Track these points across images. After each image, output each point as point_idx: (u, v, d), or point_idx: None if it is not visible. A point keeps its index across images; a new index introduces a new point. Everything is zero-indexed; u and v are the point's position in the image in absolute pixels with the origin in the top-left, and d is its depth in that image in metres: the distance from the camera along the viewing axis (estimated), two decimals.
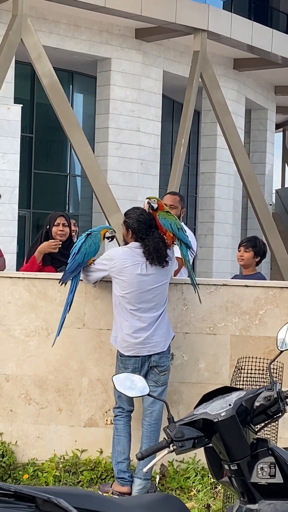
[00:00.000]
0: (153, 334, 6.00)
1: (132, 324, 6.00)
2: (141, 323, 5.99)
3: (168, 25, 20.64)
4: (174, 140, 22.98)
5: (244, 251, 7.62)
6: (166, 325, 6.10)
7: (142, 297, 5.98)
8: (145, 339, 5.98)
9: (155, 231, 6.00)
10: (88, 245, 6.13)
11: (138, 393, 3.63)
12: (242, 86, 26.08)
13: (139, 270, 5.98)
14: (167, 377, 6.12)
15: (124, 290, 6.00)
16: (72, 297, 6.18)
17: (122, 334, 6.03)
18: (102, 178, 18.63)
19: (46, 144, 23.15)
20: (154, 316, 6.01)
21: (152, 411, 6.09)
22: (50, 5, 19.37)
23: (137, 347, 5.99)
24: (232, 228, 25.08)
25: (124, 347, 6.03)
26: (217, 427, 3.37)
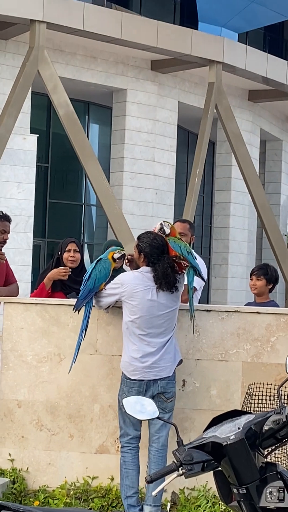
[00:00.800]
0: (161, 358, 5.99)
1: (140, 348, 5.99)
2: (150, 348, 5.99)
3: (184, 57, 20.80)
4: (189, 170, 23.07)
5: (256, 280, 7.62)
6: (174, 350, 6.09)
7: (152, 322, 5.98)
8: (152, 363, 5.97)
9: (166, 256, 6.00)
10: (98, 270, 6.15)
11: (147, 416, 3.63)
12: (257, 117, 26.19)
13: (149, 296, 5.98)
14: (174, 403, 6.10)
15: (134, 315, 6.00)
16: (86, 323, 6.19)
17: (130, 358, 6.02)
18: (117, 207, 18.72)
19: (62, 173, 23.28)
20: (163, 341, 6.01)
21: (159, 437, 6.06)
22: (67, 37, 19.57)
23: (143, 371, 5.97)
24: (246, 258, 25.07)
25: (130, 370, 6.01)
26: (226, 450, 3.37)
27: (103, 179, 18.47)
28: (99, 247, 23.06)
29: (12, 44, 19.51)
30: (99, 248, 22.93)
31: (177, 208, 22.92)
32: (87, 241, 23.97)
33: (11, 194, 18.89)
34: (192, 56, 20.61)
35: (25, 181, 19.14)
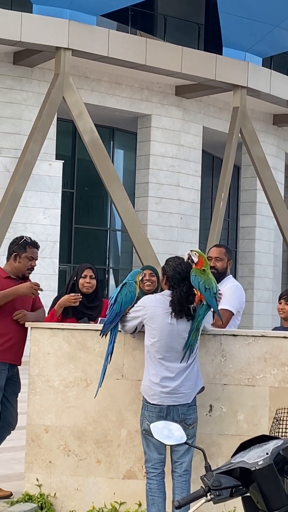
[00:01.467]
0: (181, 385, 5.92)
1: (159, 373, 5.96)
2: (168, 373, 5.94)
3: (208, 82, 20.90)
4: (214, 195, 23.11)
5: (285, 304, 7.57)
6: (195, 376, 6.02)
7: (171, 346, 5.94)
8: (172, 389, 5.92)
9: (186, 283, 5.97)
10: (124, 294, 6.15)
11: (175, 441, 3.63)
12: (281, 141, 26.21)
13: (169, 319, 5.96)
14: (196, 429, 6.04)
15: (153, 338, 5.98)
16: (112, 347, 6.19)
17: (150, 382, 6.00)
18: (142, 232, 18.77)
19: (87, 199, 23.39)
20: (182, 366, 5.95)
21: (182, 462, 6.01)
22: (92, 64, 19.73)
23: (162, 396, 5.94)
24: (272, 282, 25.01)
25: (150, 395, 5.99)
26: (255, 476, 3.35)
27: (128, 204, 18.54)
28: (124, 272, 23.12)
29: (38, 71, 19.70)
30: (124, 273, 22.97)
31: (202, 232, 22.94)
32: (113, 266, 24.02)
33: (37, 219, 19.00)
34: (217, 81, 20.71)
35: (51, 206, 19.25)
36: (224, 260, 7.07)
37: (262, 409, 6.46)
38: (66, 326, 6.66)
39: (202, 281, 5.97)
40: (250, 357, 6.48)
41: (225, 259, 7.07)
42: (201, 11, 24.72)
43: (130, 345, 6.52)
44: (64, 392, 6.61)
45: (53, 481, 6.64)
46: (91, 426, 6.59)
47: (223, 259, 7.06)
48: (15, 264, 6.87)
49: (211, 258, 7.02)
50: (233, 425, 6.49)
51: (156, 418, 5.87)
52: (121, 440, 6.57)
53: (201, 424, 6.26)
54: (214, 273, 6.96)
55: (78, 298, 6.86)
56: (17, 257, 6.86)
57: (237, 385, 6.48)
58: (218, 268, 7.03)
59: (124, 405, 6.54)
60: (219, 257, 7.04)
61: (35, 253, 6.94)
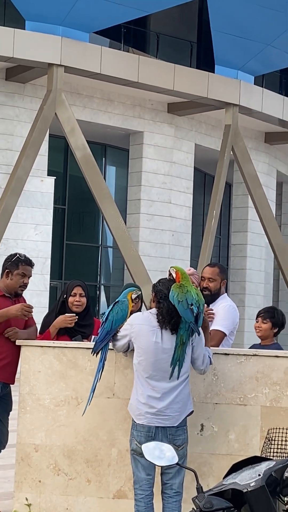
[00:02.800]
0: (168, 407, 5.78)
1: (145, 392, 5.87)
2: (154, 393, 5.83)
3: (200, 100, 20.95)
4: (205, 212, 23.14)
5: (262, 322, 7.46)
6: (185, 399, 5.87)
7: (157, 365, 5.84)
8: (158, 410, 5.79)
9: None
10: (115, 312, 6.12)
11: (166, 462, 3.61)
12: (273, 159, 26.28)
13: (154, 337, 5.88)
14: (185, 450, 5.95)
15: (140, 357, 5.91)
16: (102, 365, 6.15)
17: (136, 401, 5.94)
18: (133, 249, 18.75)
19: (79, 215, 23.39)
20: (169, 386, 5.80)
21: (172, 484, 5.93)
22: (84, 80, 19.76)
23: (147, 416, 5.85)
24: (263, 299, 25.01)
25: (136, 414, 5.92)
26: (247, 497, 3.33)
27: (120, 221, 18.54)
28: (116, 289, 23.11)
29: (30, 88, 19.72)
30: (115, 289, 22.96)
31: (193, 249, 22.95)
32: (104, 283, 23.99)
33: (28, 236, 18.97)
34: (209, 98, 20.76)
35: (42, 223, 19.23)
36: (217, 281, 6.99)
37: (254, 429, 6.43)
38: (57, 344, 6.63)
39: (176, 295, 5.85)
40: (242, 376, 6.45)
41: (218, 279, 6.99)
42: (194, 29, 24.83)
43: (121, 363, 6.49)
44: (55, 411, 6.57)
45: (42, 501, 6.58)
46: (82, 445, 6.54)
47: (216, 279, 6.98)
48: (7, 281, 6.83)
49: (204, 278, 6.96)
50: (224, 444, 6.45)
51: (145, 438, 5.80)
52: (112, 460, 6.53)
53: (192, 443, 6.22)
54: (207, 294, 6.92)
55: (74, 319, 6.82)
56: (9, 274, 6.82)
57: (229, 404, 6.45)
58: (211, 289, 6.97)
59: (115, 424, 6.50)
60: (212, 277, 6.96)
61: (28, 271, 6.89)
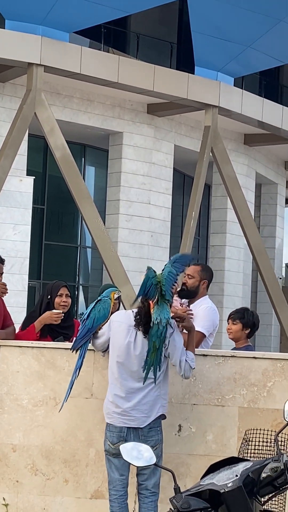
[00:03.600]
0: (133, 408, 5.78)
1: (113, 391, 5.87)
2: (120, 392, 5.82)
3: (180, 101, 20.97)
4: (184, 213, 23.16)
5: (232, 324, 7.38)
6: (152, 402, 5.82)
7: (126, 364, 5.82)
8: (123, 410, 5.78)
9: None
10: (97, 310, 6.13)
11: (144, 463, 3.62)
12: (252, 161, 26.36)
13: (128, 337, 5.88)
14: (160, 450, 5.93)
15: (112, 354, 5.93)
16: (81, 363, 6.15)
17: (106, 400, 5.95)
18: (112, 249, 18.75)
19: (57, 215, 23.36)
20: (136, 388, 5.80)
21: (148, 484, 5.93)
22: (64, 80, 19.74)
23: (114, 416, 5.87)
24: (241, 301, 25.08)
25: (106, 413, 5.94)
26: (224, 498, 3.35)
27: (99, 221, 18.52)
28: (94, 289, 23.09)
29: (10, 87, 19.68)
30: (94, 290, 22.95)
31: (172, 250, 22.97)
32: (82, 283, 23.98)
33: (6, 235, 18.92)
34: (188, 100, 20.78)
35: (21, 222, 19.19)
36: (196, 278, 7.02)
37: (231, 430, 6.46)
38: (35, 344, 6.63)
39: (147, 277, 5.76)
40: (220, 377, 6.48)
41: (197, 277, 7.03)
42: (174, 30, 24.85)
43: (99, 364, 6.50)
44: (33, 411, 6.57)
45: (20, 501, 6.58)
46: (59, 445, 6.55)
47: (195, 277, 7.02)
48: None
49: (185, 274, 7.01)
50: (202, 445, 6.48)
51: (117, 438, 5.81)
52: (90, 460, 6.54)
53: (169, 444, 6.24)
54: (183, 290, 6.96)
55: (60, 316, 6.85)
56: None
57: (207, 405, 6.48)
58: (188, 285, 7.01)
59: (93, 424, 6.51)
60: (191, 274, 7.01)
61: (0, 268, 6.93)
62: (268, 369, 6.47)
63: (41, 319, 6.85)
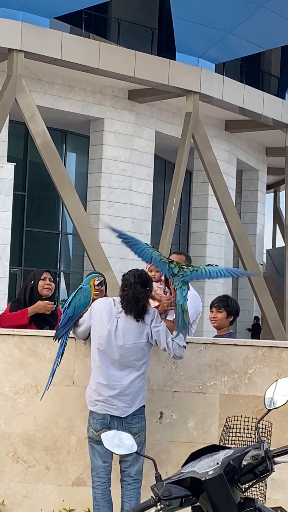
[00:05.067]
0: (116, 397, 5.80)
1: (95, 379, 5.89)
2: (103, 380, 5.83)
3: (161, 87, 20.93)
4: (165, 200, 23.16)
5: (217, 312, 7.39)
6: (135, 393, 5.85)
7: (108, 352, 5.84)
8: (106, 399, 5.80)
9: (139, 287, 5.87)
10: (77, 298, 6.14)
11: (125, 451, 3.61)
12: (233, 147, 26.36)
13: (109, 325, 5.89)
14: (143, 437, 5.97)
15: (93, 342, 5.94)
16: (62, 351, 6.15)
17: (89, 388, 5.96)
18: (93, 236, 18.73)
19: (39, 202, 23.29)
20: (119, 377, 5.82)
21: (131, 471, 5.95)
22: (45, 66, 19.64)
23: (97, 404, 5.88)
24: (223, 287, 25.13)
25: (88, 401, 5.95)
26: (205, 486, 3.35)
27: (80, 207, 18.49)
28: (76, 276, 23.08)
29: None
30: (75, 276, 22.93)
31: (154, 237, 22.97)
32: (64, 270, 23.94)
33: None
34: (170, 86, 20.75)
35: (2, 209, 19.12)
36: None
37: (212, 416, 6.48)
38: (16, 332, 6.62)
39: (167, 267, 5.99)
40: (201, 364, 6.49)
41: None
42: (155, 16, 24.77)
43: (81, 351, 6.50)
44: (14, 399, 6.56)
45: (1, 488, 6.58)
46: (41, 433, 6.55)
47: None
48: None
49: None
50: (183, 432, 6.49)
51: (100, 425, 5.82)
52: (71, 447, 6.54)
53: (151, 431, 6.25)
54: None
55: (53, 307, 6.90)
56: None
57: (188, 392, 6.49)
58: None
59: (75, 412, 6.52)
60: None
61: None
62: (249, 356, 6.49)
63: (34, 307, 6.87)
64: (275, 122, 24.46)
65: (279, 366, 6.47)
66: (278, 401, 3.65)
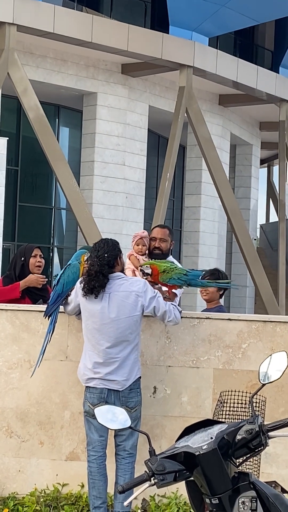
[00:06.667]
0: (113, 373, 5.81)
1: (91, 358, 5.88)
2: (99, 358, 5.82)
3: (154, 61, 20.80)
4: (159, 174, 23.09)
5: None
6: (131, 365, 5.88)
7: (103, 330, 5.84)
8: (104, 375, 5.81)
9: (97, 261, 5.82)
10: (66, 275, 6.13)
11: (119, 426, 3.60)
12: (227, 122, 26.26)
13: (102, 301, 5.87)
14: (139, 411, 5.99)
15: (86, 320, 5.92)
16: (53, 327, 6.15)
17: (83, 365, 5.95)
18: (87, 211, 18.68)
19: (32, 177, 23.20)
20: (113, 352, 5.82)
21: (125, 445, 5.97)
22: (37, 40, 19.49)
23: (94, 380, 5.89)
24: (216, 262, 25.12)
25: (84, 379, 5.94)
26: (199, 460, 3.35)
27: (73, 182, 18.43)
28: (69, 251, 23.03)
29: None
30: (68, 251, 22.90)
31: (147, 212, 22.93)
32: (57, 245, 23.91)
33: None
34: (163, 60, 20.63)
35: None
36: (168, 241, 7.12)
37: (206, 391, 6.48)
38: (9, 307, 6.60)
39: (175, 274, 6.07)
40: (195, 339, 6.48)
41: (168, 240, 7.12)
42: None
43: (74, 326, 6.48)
44: (7, 374, 6.55)
45: None
46: (34, 407, 6.55)
47: (167, 240, 7.10)
48: None
49: (156, 238, 7.04)
50: (177, 406, 6.50)
51: (97, 399, 5.83)
52: (65, 422, 6.54)
53: (145, 405, 6.25)
54: (158, 254, 6.99)
55: (45, 281, 6.88)
56: None
57: (181, 367, 6.49)
58: (162, 249, 7.06)
59: (68, 386, 6.51)
60: (164, 238, 7.07)
61: None
62: (243, 330, 6.48)
63: (26, 281, 6.83)
64: (269, 96, 24.35)
65: (273, 340, 6.47)
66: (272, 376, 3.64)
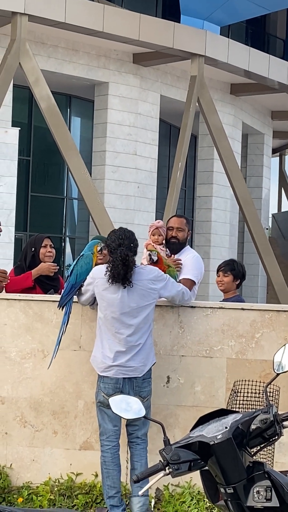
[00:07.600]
0: (131, 359, 5.86)
1: (111, 347, 5.90)
2: (120, 347, 5.87)
3: (166, 50, 20.75)
4: (171, 164, 23.05)
5: (224, 276, 7.50)
6: (147, 351, 5.95)
7: (122, 318, 5.87)
8: (123, 363, 5.85)
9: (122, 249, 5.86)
10: (79, 266, 6.14)
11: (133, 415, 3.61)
12: (239, 111, 26.19)
13: (120, 290, 5.89)
14: (149, 402, 6.03)
15: (105, 310, 5.94)
16: (67, 319, 6.17)
17: (102, 355, 5.96)
18: (99, 201, 18.67)
19: (43, 167, 23.19)
20: (133, 340, 5.88)
21: (137, 433, 6.01)
22: (49, 30, 19.47)
23: (113, 369, 5.91)
24: (228, 252, 25.10)
25: (102, 368, 5.95)
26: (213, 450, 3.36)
27: (85, 172, 18.42)
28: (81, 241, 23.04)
29: None
30: (80, 241, 22.91)
31: (159, 201, 22.91)
32: (69, 235, 23.92)
33: None
34: (174, 49, 20.57)
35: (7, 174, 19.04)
36: (185, 231, 7.13)
37: (220, 381, 6.48)
38: (23, 297, 6.61)
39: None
40: (208, 328, 6.49)
41: (185, 229, 7.14)
42: None
43: (87, 316, 6.49)
44: (21, 364, 6.57)
45: (9, 452, 6.61)
46: (48, 397, 6.57)
47: (184, 229, 7.13)
48: None
49: (173, 228, 7.08)
50: (190, 396, 6.50)
51: (112, 390, 5.85)
52: (78, 411, 6.56)
53: (158, 395, 6.27)
54: (175, 243, 7.02)
55: (56, 269, 6.90)
56: None
57: (195, 356, 6.49)
58: (179, 238, 7.09)
59: (81, 376, 6.53)
60: (181, 227, 7.10)
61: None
62: (256, 320, 6.48)
63: (38, 269, 6.86)
64: (281, 85, 24.26)
65: (286, 330, 6.47)
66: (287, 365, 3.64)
